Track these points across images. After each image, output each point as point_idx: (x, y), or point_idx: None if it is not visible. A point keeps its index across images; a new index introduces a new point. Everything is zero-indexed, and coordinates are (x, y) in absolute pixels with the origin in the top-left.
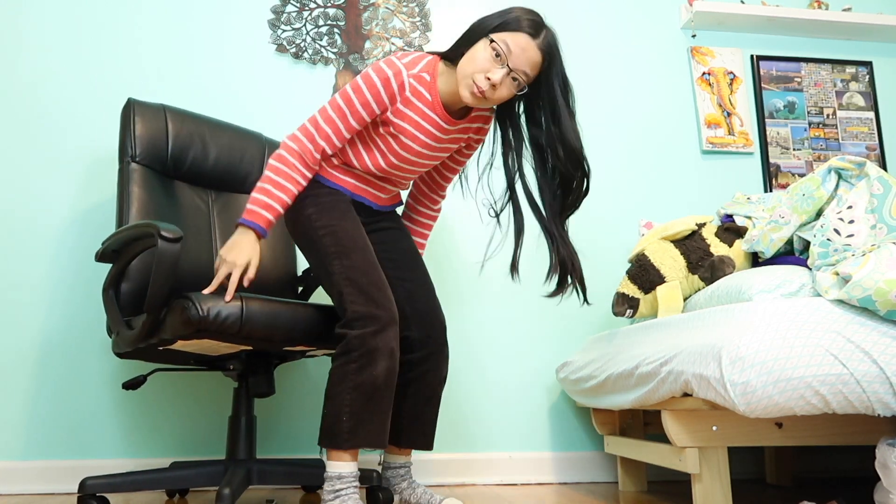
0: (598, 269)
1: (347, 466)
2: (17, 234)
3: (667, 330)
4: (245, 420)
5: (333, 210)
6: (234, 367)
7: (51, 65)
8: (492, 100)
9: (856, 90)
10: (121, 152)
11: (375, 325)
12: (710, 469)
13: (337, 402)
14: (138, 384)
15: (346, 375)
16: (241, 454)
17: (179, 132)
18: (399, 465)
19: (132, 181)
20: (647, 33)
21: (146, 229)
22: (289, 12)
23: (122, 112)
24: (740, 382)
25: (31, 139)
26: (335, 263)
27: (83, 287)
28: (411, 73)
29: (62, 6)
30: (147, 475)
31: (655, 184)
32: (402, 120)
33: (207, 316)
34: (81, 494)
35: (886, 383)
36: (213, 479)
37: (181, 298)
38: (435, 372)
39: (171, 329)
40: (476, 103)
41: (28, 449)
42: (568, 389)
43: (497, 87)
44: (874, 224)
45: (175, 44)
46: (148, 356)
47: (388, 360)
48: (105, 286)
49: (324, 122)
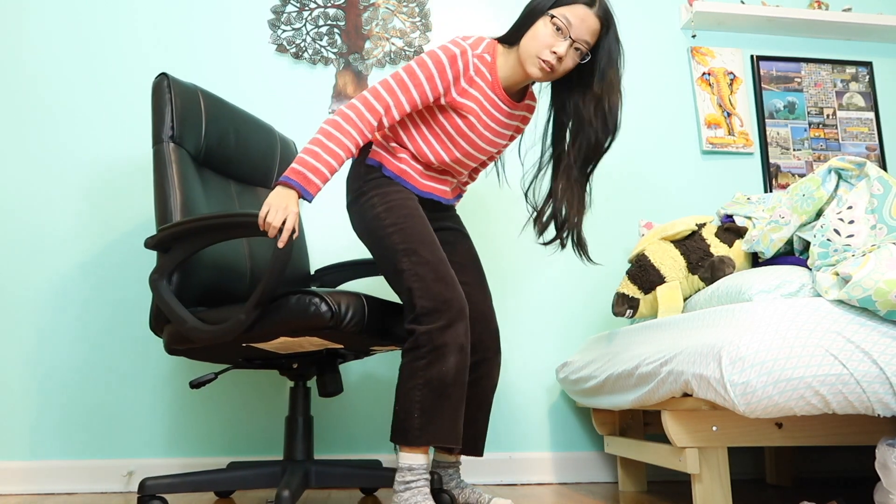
0: (598, 269)
1: (418, 459)
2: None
3: (667, 330)
4: (303, 420)
5: (402, 208)
6: (299, 366)
7: (56, 59)
8: (558, 72)
9: (856, 90)
10: (155, 132)
11: (444, 321)
12: (710, 469)
13: (408, 398)
14: (207, 382)
15: (415, 371)
16: (299, 455)
17: (213, 116)
18: (448, 464)
19: (171, 163)
20: (647, 33)
21: (245, 219)
22: (289, 12)
23: (156, 88)
24: (740, 383)
25: (40, 141)
26: (403, 261)
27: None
28: (475, 53)
29: (63, 7)
30: (205, 476)
31: (655, 184)
32: (468, 99)
33: (340, 312)
34: (141, 495)
35: (886, 383)
36: (271, 480)
37: (304, 294)
38: (488, 379)
39: (283, 325)
40: (545, 78)
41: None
42: (568, 389)
43: (563, 59)
44: (874, 224)
45: (175, 44)
46: (205, 354)
47: (457, 356)
48: (155, 276)
49: (385, 91)
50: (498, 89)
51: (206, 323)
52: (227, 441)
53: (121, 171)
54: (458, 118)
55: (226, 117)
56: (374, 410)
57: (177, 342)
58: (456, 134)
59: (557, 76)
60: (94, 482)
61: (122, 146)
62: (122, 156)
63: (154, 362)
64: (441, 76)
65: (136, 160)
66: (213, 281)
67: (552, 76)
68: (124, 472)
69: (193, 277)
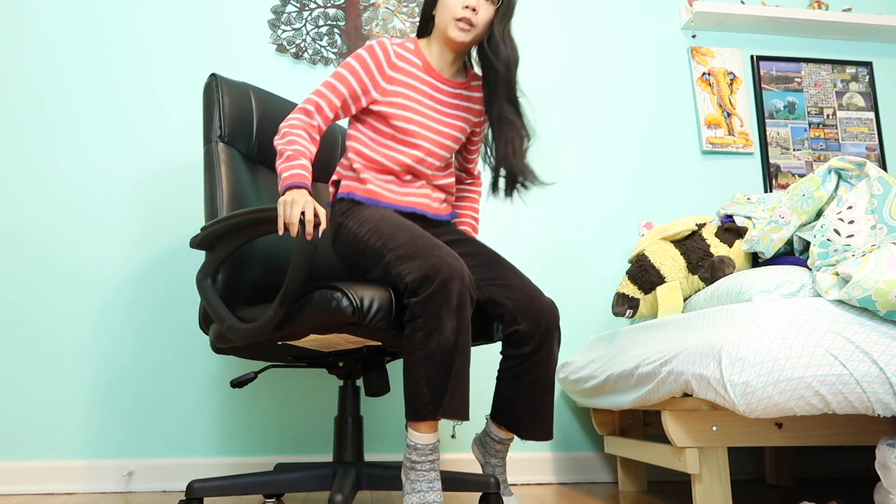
0: (598, 269)
1: (423, 437)
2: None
3: (667, 330)
4: (352, 420)
5: (376, 218)
6: (345, 364)
7: (57, 60)
8: (479, 26)
9: (856, 90)
10: (206, 131)
11: (435, 284)
12: (710, 469)
13: (413, 373)
14: (247, 381)
15: (415, 345)
16: (349, 457)
17: (264, 113)
18: (500, 439)
19: (220, 163)
20: (647, 33)
21: (270, 213)
22: (289, 12)
23: (206, 88)
24: (740, 383)
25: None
26: (385, 254)
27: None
28: (395, 43)
29: (64, 8)
30: (253, 478)
31: (655, 184)
32: (397, 86)
33: (362, 307)
34: (188, 497)
35: (886, 384)
36: (321, 482)
37: (326, 289)
38: (548, 362)
39: (309, 322)
40: (466, 37)
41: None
42: (568, 390)
43: (477, 9)
44: (874, 224)
45: (175, 44)
46: (248, 353)
47: (454, 319)
48: (201, 276)
49: (314, 94)
50: (430, 71)
51: (243, 321)
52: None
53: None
54: (397, 110)
55: (278, 113)
56: None
57: (219, 341)
58: (401, 128)
59: (480, 31)
60: (95, 482)
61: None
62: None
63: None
64: (363, 67)
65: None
66: (263, 279)
67: (475, 31)
68: (124, 472)
69: (243, 276)
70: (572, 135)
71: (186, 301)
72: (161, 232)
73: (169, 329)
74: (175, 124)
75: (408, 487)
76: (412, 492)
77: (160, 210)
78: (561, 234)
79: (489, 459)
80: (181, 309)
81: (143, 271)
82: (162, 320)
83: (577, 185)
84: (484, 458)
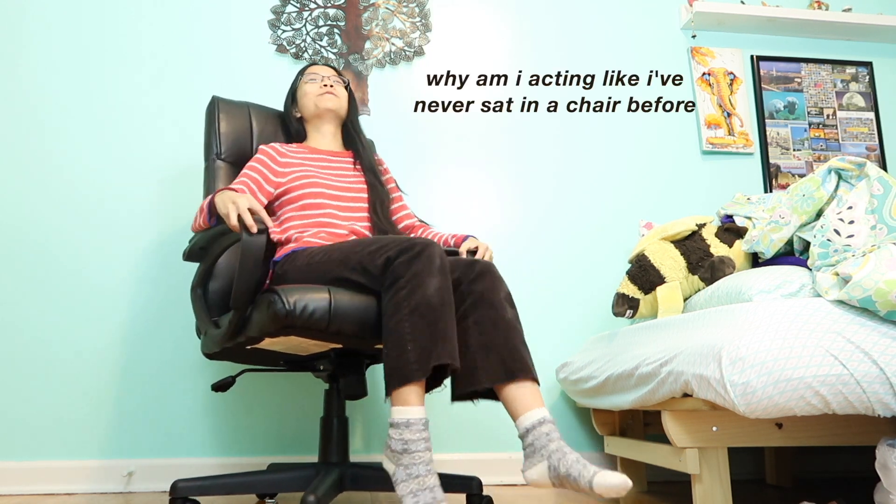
0: (598, 269)
1: (414, 411)
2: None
3: (667, 330)
4: (337, 422)
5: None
6: (324, 367)
7: (56, 61)
8: (340, 97)
9: (856, 90)
10: (206, 150)
11: (413, 251)
12: (710, 469)
13: (396, 334)
14: (227, 385)
15: (399, 304)
16: (334, 458)
17: (263, 130)
18: (536, 422)
19: (218, 179)
20: (647, 33)
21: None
22: (289, 12)
23: (207, 110)
24: (740, 383)
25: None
26: (352, 256)
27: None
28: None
29: (64, 9)
30: (238, 478)
31: (655, 184)
32: (291, 158)
33: (294, 310)
34: (173, 497)
35: (886, 384)
36: (306, 483)
37: (267, 293)
38: (492, 291)
39: (258, 326)
40: (333, 103)
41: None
42: (568, 390)
43: (332, 85)
44: (874, 224)
45: (175, 44)
46: (236, 357)
47: (437, 278)
48: (193, 285)
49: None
50: (313, 150)
51: (217, 328)
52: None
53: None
54: (298, 180)
55: (279, 128)
56: None
57: (205, 346)
58: (307, 192)
59: (343, 102)
60: (94, 482)
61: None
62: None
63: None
64: (264, 154)
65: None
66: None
67: (338, 101)
68: (124, 472)
69: (231, 285)
70: (572, 135)
71: (188, 303)
72: (162, 237)
73: (169, 330)
74: (177, 128)
75: (401, 474)
76: (408, 478)
77: (162, 216)
78: (561, 233)
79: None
80: (183, 311)
81: (144, 274)
82: (163, 322)
83: (578, 185)
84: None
